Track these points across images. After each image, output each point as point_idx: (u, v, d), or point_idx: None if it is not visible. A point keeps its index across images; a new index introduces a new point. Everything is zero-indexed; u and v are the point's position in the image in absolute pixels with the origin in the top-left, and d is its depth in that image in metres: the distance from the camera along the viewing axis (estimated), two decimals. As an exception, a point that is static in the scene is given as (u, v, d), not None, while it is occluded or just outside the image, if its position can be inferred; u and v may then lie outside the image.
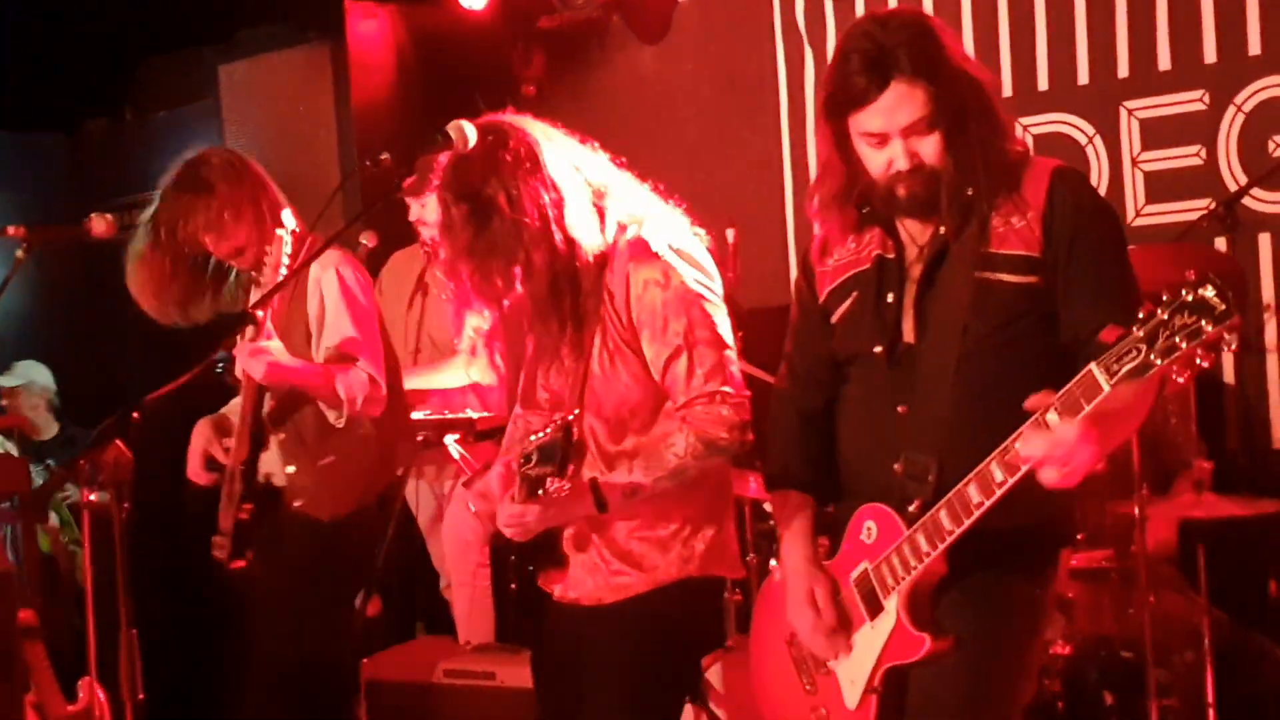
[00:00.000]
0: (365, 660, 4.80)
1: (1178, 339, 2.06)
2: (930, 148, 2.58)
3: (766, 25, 6.04)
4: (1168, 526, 4.31)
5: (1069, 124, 5.37)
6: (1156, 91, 5.20)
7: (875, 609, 2.66)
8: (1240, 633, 4.08)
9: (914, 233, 2.69)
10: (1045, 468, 2.31)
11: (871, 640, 2.67)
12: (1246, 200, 4.79)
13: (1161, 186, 5.19)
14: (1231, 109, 5.03)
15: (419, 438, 5.02)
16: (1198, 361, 2.12)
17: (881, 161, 2.61)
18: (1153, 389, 2.40)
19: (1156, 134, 5.21)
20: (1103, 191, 5.18)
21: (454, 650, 4.98)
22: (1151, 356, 2.09)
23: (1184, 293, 2.05)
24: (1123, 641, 4.10)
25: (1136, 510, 3.87)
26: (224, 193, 3.97)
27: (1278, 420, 4.94)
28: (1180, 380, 2.21)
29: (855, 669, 2.70)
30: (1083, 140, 5.34)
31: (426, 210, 5.19)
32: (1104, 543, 4.22)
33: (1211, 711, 4.08)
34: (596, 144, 3.17)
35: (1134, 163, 5.25)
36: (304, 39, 6.49)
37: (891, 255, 2.70)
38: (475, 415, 5.23)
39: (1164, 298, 2.07)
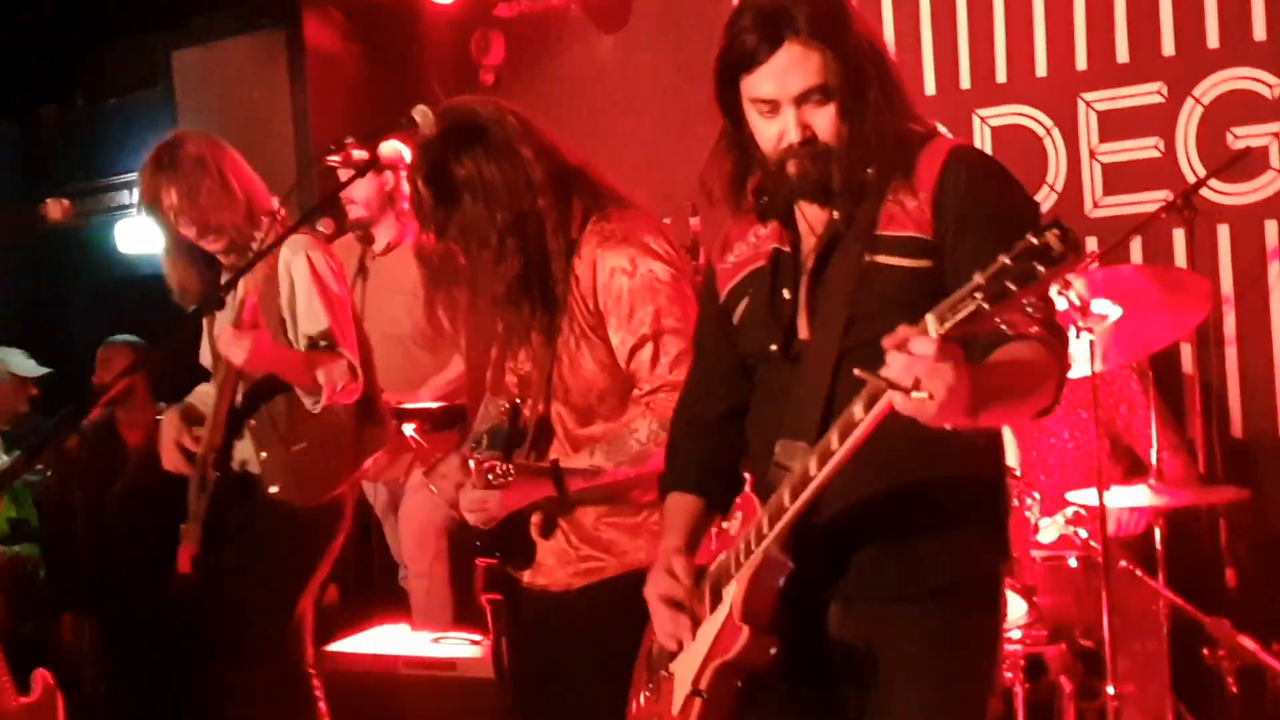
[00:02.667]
0: (324, 649, 4.77)
1: (1009, 283, 1.87)
2: (824, 121, 2.37)
3: (725, 13, 6.01)
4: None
5: (1027, 116, 5.39)
6: (1115, 84, 5.22)
7: (717, 599, 2.47)
8: (1199, 620, 4.10)
9: (813, 222, 2.49)
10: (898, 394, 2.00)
11: (706, 635, 2.47)
12: (1205, 192, 4.79)
13: (1120, 178, 5.21)
14: (1190, 101, 5.06)
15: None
16: (1027, 310, 1.87)
17: (773, 134, 2.40)
18: (1040, 368, 2.20)
19: (1115, 126, 5.23)
20: (1060, 183, 5.26)
21: (413, 640, 4.96)
22: (982, 302, 1.89)
23: (1030, 237, 1.86)
24: (1083, 629, 4.11)
25: (1098, 499, 3.88)
26: (195, 174, 3.95)
27: (1238, 410, 4.99)
28: (1006, 329, 1.97)
29: (686, 668, 2.50)
30: (1041, 132, 5.35)
31: (356, 189, 5.17)
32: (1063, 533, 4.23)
33: (1170, 698, 4.11)
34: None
35: (1092, 154, 5.27)
36: (259, 25, 6.44)
37: (788, 249, 2.51)
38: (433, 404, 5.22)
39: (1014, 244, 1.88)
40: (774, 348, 2.49)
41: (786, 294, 2.49)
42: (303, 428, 4.02)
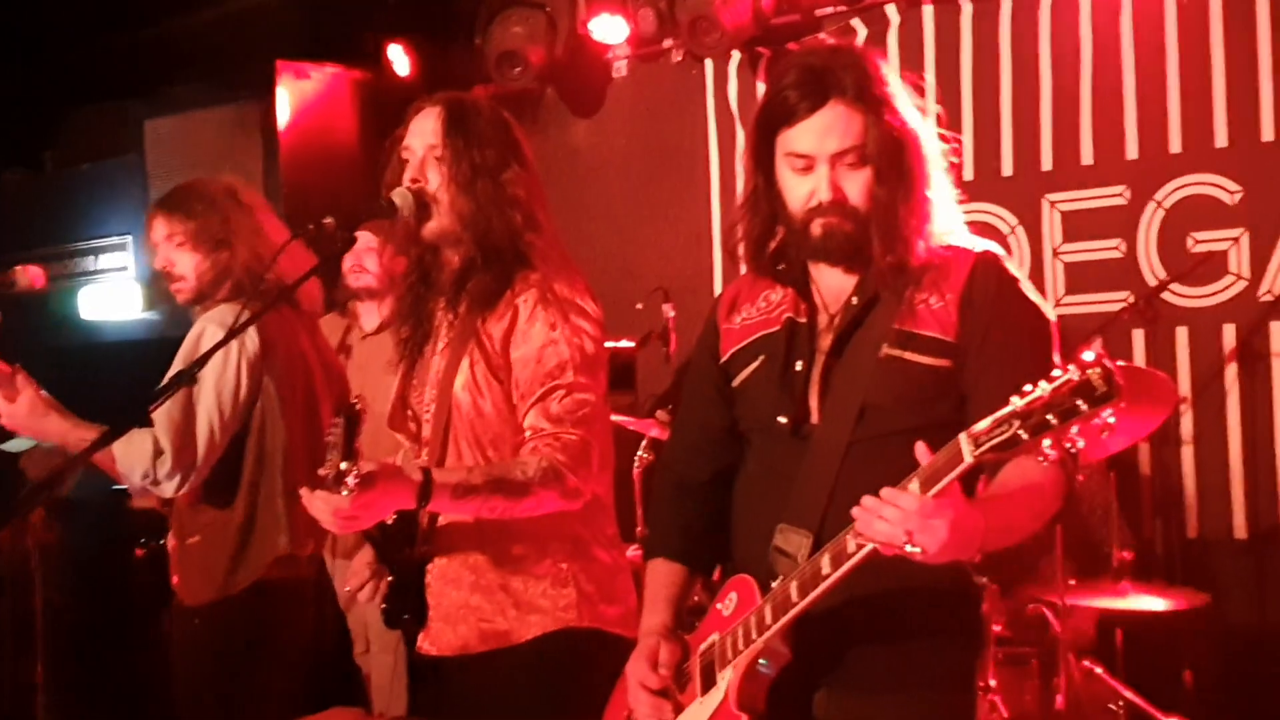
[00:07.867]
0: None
1: (1050, 416, 1.93)
2: (857, 185, 2.39)
3: (699, 102, 6.11)
4: (1086, 618, 4.36)
5: (992, 214, 5.46)
6: (1078, 185, 5.32)
7: (710, 683, 2.45)
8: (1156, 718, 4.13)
9: (828, 298, 2.50)
10: (890, 541, 2.10)
11: (697, 716, 2.45)
12: (1165, 294, 4.90)
13: (1081, 278, 5.30)
14: (1152, 205, 5.15)
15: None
16: (1068, 446, 1.97)
17: (804, 192, 2.41)
18: (1049, 492, 2.30)
19: (1077, 226, 5.32)
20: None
21: (367, 722, 4.90)
22: (1020, 431, 1.96)
23: (1071, 370, 1.93)
24: (1040, 726, 4.13)
25: (1059, 600, 3.92)
26: (180, 218, 3.74)
27: (1193, 510, 5.04)
28: (1043, 460, 2.06)
29: None
30: (1005, 230, 5.43)
31: (369, 259, 5.21)
32: (1024, 630, 4.25)
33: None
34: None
35: (1055, 253, 5.36)
36: (234, 97, 6.43)
37: (803, 319, 2.50)
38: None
39: (1053, 372, 1.95)
40: (783, 420, 2.47)
41: (799, 366, 2.48)
42: (199, 520, 3.69)
